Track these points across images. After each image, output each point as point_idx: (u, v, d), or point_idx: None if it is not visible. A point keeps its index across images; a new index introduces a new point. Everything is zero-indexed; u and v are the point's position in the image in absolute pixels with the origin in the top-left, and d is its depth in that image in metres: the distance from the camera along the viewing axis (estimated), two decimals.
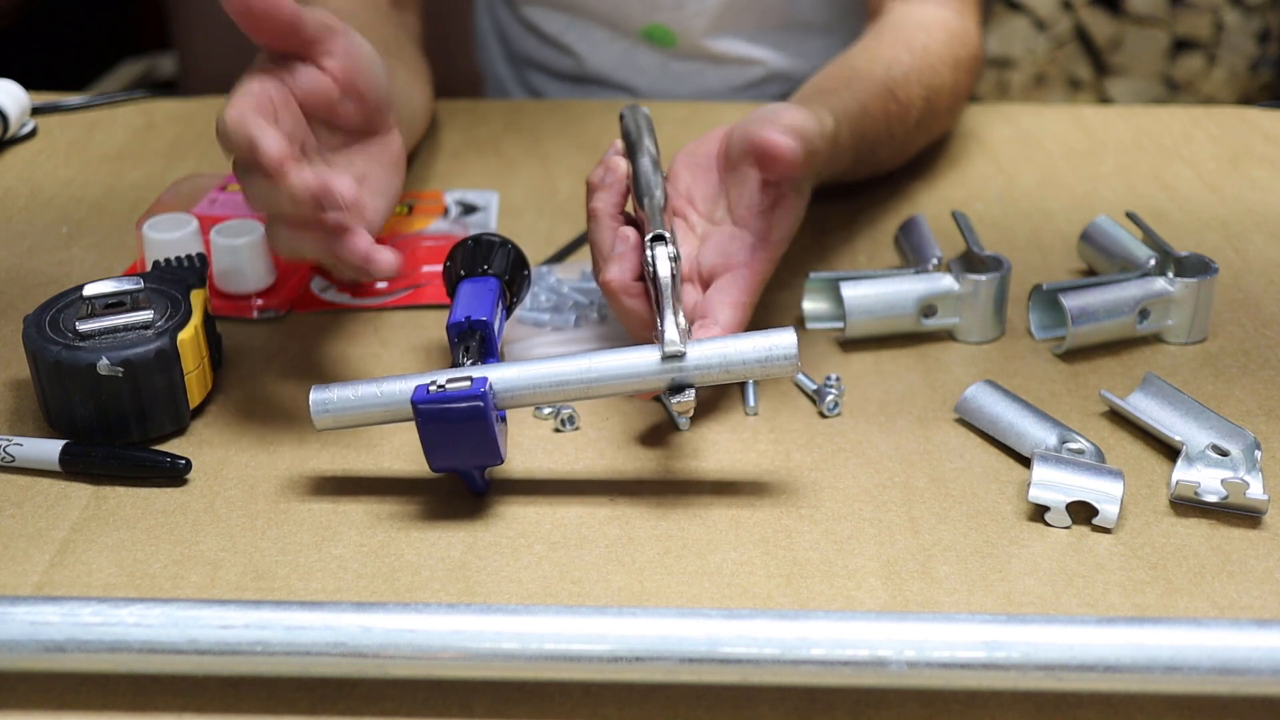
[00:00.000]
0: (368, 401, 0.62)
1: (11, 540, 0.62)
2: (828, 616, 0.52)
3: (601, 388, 0.62)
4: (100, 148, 1.04)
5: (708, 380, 0.63)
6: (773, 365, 0.62)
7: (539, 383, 0.62)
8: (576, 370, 0.62)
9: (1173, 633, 0.51)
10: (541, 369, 0.62)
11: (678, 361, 0.62)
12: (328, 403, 0.62)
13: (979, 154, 1.02)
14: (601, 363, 0.62)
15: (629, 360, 0.63)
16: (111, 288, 0.69)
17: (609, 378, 0.62)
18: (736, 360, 0.62)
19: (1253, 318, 0.80)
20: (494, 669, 0.52)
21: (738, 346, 0.62)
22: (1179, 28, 2.33)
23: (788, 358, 0.62)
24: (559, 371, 0.62)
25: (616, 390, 0.63)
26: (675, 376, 0.62)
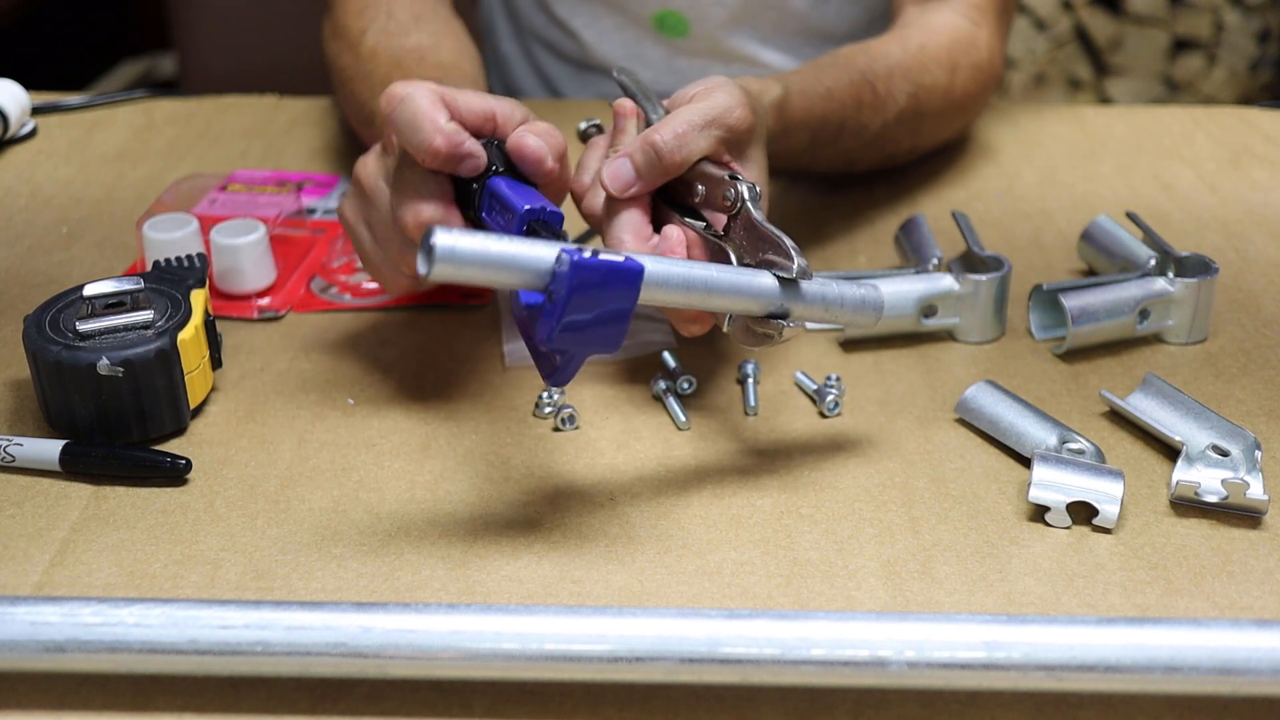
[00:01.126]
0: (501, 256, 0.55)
1: (11, 540, 0.62)
2: (828, 616, 0.52)
3: (719, 298, 0.61)
4: (100, 148, 1.04)
5: (808, 314, 0.63)
6: (864, 311, 0.65)
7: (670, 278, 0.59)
8: (702, 275, 0.61)
9: (1173, 633, 0.51)
10: (674, 265, 0.60)
11: (794, 289, 0.62)
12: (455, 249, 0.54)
13: (979, 154, 1.02)
14: (725, 274, 0.61)
15: (747, 278, 0.62)
16: (111, 288, 0.69)
17: (729, 289, 0.61)
18: (835, 299, 0.64)
19: (1253, 318, 0.80)
20: (494, 669, 0.52)
21: (839, 289, 0.64)
22: (1179, 28, 2.33)
23: (877, 308, 0.65)
24: (686, 272, 0.60)
25: (728, 304, 0.62)
26: (783, 304, 0.62)
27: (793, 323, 0.63)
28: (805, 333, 0.78)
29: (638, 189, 0.68)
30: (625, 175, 0.68)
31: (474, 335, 0.78)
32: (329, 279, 0.83)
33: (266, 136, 1.05)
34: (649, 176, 0.68)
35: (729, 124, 0.69)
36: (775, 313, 0.62)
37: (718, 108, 0.69)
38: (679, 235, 0.67)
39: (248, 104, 1.11)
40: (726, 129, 0.69)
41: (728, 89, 0.70)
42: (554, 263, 0.56)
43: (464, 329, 0.79)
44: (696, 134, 0.68)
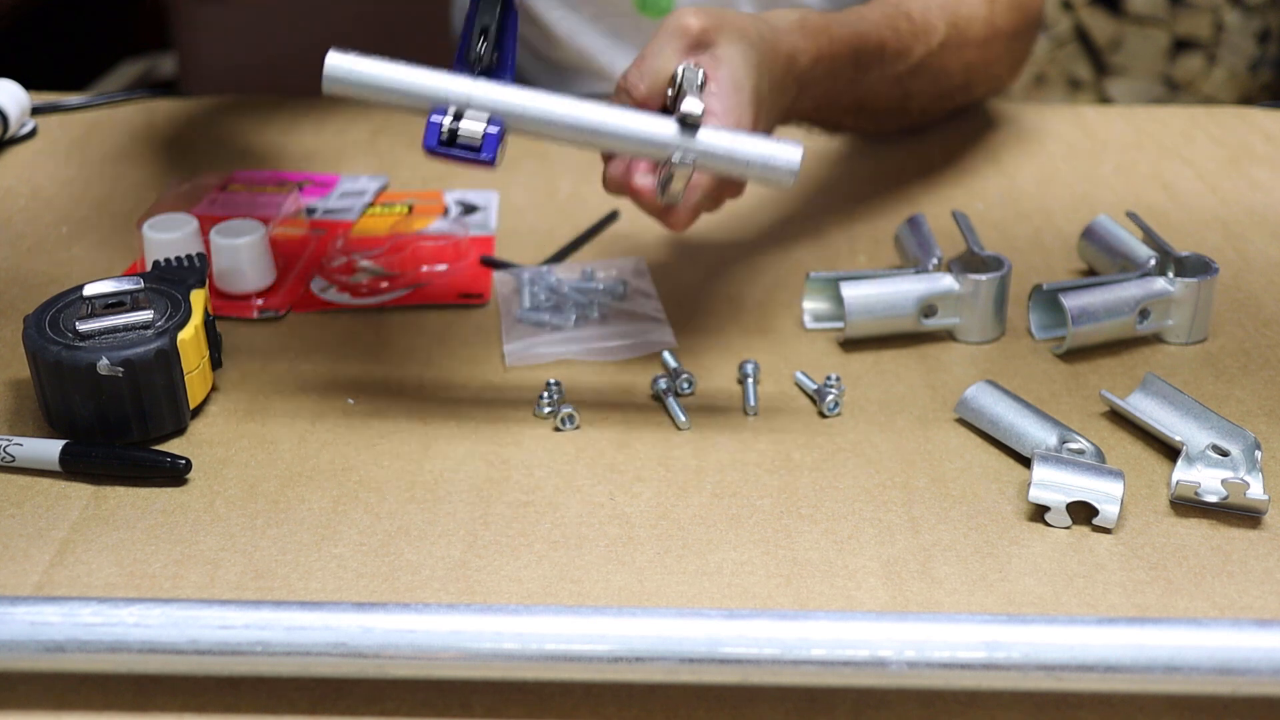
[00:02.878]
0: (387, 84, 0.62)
1: (11, 540, 0.62)
2: (828, 616, 0.52)
3: (610, 139, 0.62)
4: (100, 148, 1.03)
5: (709, 164, 0.63)
6: (772, 169, 0.63)
7: (553, 119, 0.62)
8: (593, 116, 0.62)
9: (1173, 633, 0.51)
10: (561, 105, 0.62)
11: (690, 135, 0.62)
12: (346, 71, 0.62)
13: (979, 154, 1.02)
14: (619, 116, 0.63)
15: (645, 121, 0.63)
16: (111, 288, 0.69)
17: (622, 132, 0.62)
18: (742, 152, 0.63)
19: (1253, 318, 0.80)
20: (494, 669, 0.52)
21: (748, 141, 0.64)
22: (1179, 28, 2.33)
23: (789, 167, 0.63)
24: (576, 113, 0.62)
25: (622, 147, 0.63)
26: (683, 148, 0.63)
27: (686, 162, 0.63)
28: (806, 332, 0.78)
29: None
30: None
31: (474, 335, 0.78)
32: (329, 279, 0.83)
33: (266, 136, 1.05)
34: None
35: (680, 32, 0.72)
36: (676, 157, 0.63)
37: (669, 26, 0.72)
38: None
39: (248, 104, 1.11)
40: (681, 38, 0.72)
41: (682, 9, 0.73)
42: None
43: (464, 329, 0.79)
44: (653, 59, 0.71)
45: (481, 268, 0.85)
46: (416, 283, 0.83)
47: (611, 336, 0.77)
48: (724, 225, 0.91)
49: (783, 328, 0.79)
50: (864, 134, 1.03)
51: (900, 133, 1.02)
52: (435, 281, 0.83)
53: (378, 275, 0.84)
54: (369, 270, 0.84)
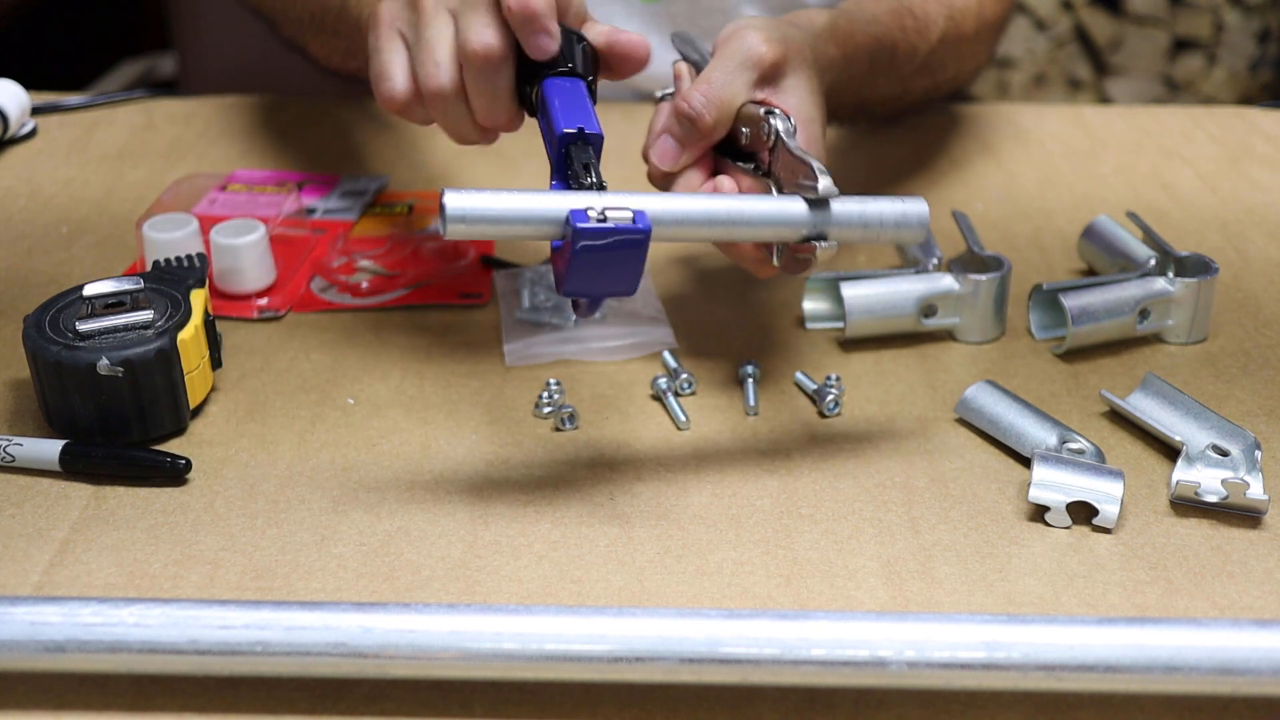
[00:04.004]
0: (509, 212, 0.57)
1: (11, 540, 0.62)
2: (828, 616, 0.52)
3: (746, 230, 0.61)
4: (100, 148, 1.04)
5: (845, 234, 0.62)
6: (905, 228, 0.63)
7: (689, 217, 0.60)
8: (726, 208, 0.61)
9: (1173, 633, 0.51)
10: (693, 203, 0.60)
11: (824, 210, 0.62)
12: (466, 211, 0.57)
13: (979, 154, 1.02)
14: (750, 204, 0.61)
15: (775, 205, 0.62)
16: (111, 288, 0.69)
17: (756, 219, 0.61)
18: (874, 217, 0.62)
19: (1253, 318, 0.80)
20: (494, 669, 0.52)
21: (876, 205, 0.63)
22: (1179, 28, 2.33)
23: (921, 222, 0.63)
24: (709, 208, 0.60)
25: (758, 234, 0.62)
26: (817, 226, 0.62)
27: (830, 244, 0.62)
28: (806, 332, 0.78)
29: (687, 158, 0.69)
30: (671, 150, 0.69)
31: (474, 335, 0.78)
32: (329, 279, 0.83)
33: (266, 136, 1.05)
34: (693, 145, 0.69)
35: (754, 63, 0.69)
36: (812, 235, 0.62)
37: (740, 52, 0.69)
38: (730, 184, 0.69)
39: (248, 104, 1.11)
40: (754, 69, 0.69)
41: (749, 29, 0.70)
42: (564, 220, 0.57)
43: (464, 329, 0.79)
44: (724, 87, 0.68)
45: (481, 268, 0.85)
46: (416, 283, 0.83)
47: (611, 336, 0.77)
48: None
49: (783, 328, 0.79)
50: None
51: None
52: (435, 281, 0.83)
53: (378, 275, 0.84)
54: (369, 270, 0.84)
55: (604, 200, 0.58)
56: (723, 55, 0.69)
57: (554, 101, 0.67)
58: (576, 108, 0.66)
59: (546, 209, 0.58)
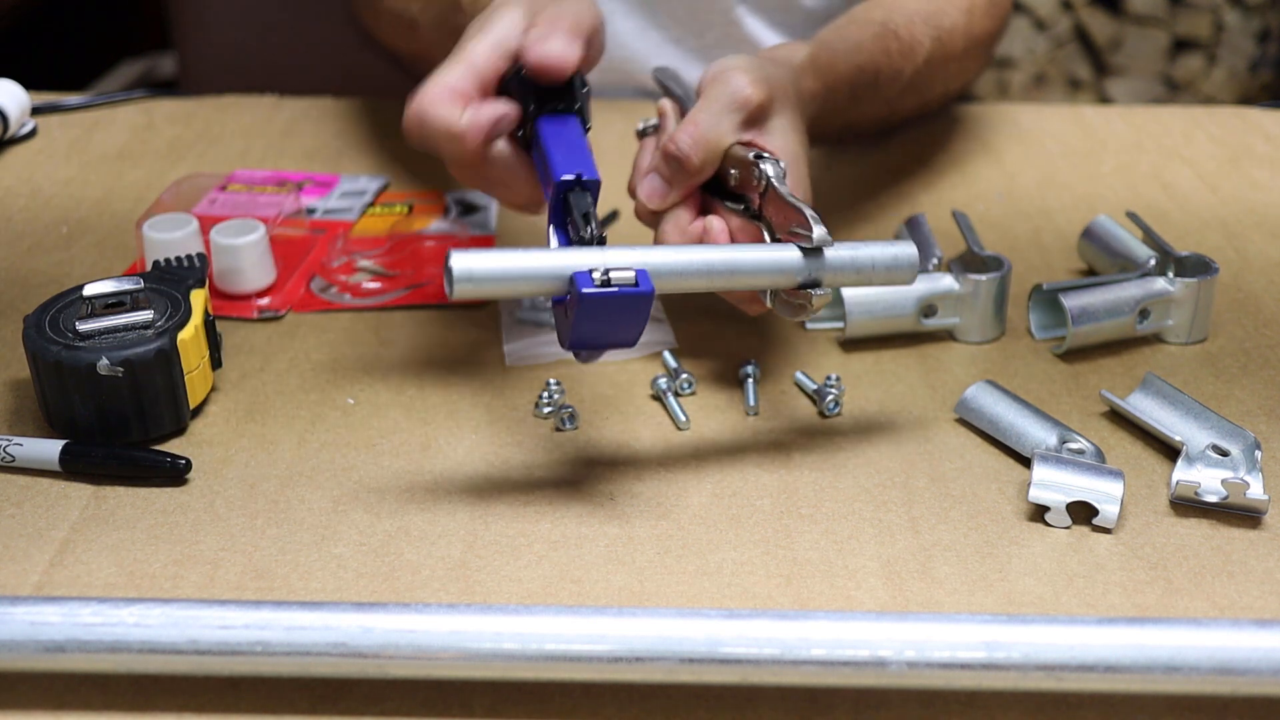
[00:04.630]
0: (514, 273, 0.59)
1: (11, 540, 0.62)
2: (828, 616, 0.52)
3: (743, 279, 0.63)
4: (100, 148, 1.03)
5: (838, 280, 0.64)
6: (897, 271, 0.65)
7: (689, 269, 0.62)
8: (724, 259, 0.62)
9: (1173, 633, 0.51)
10: (692, 255, 0.62)
11: (818, 258, 0.63)
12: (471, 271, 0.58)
13: (979, 154, 1.02)
14: (747, 254, 0.63)
15: (771, 254, 0.63)
16: (111, 288, 0.69)
17: (752, 268, 0.63)
18: (866, 262, 0.64)
19: (1253, 318, 0.80)
20: (494, 669, 0.52)
21: (868, 250, 0.64)
22: (1179, 28, 2.33)
23: (911, 265, 0.65)
24: (708, 259, 0.62)
25: (755, 283, 0.63)
26: (811, 273, 0.63)
27: (825, 290, 0.64)
28: (806, 332, 0.78)
29: (674, 197, 0.70)
30: (658, 190, 0.70)
31: (474, 335, 0.78)
32: (329, 279, 0.83)
33: (266, 136, 1.05)
34: (679, 185, 0.70)
35: (740, 105, 0.69)
36: (806, 283, 0.64)
37: (726, 94, 0.69)
38: (720, 225, 0.69)
39: (248, 104, 1.11)
40: (740, 111, 0.69)
41: (737, 70, 0.70)
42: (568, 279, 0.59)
43: (464, 329, 0.79)
44: (712, 130, 0.69)
45: None
46: (416, 283, 0.83)
47: None
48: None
49: (783, 328, 0.79)
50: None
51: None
52: (435, 281, 0.83)
53: (378, 275, 0.84)
54: (369, 270, 0.84)
55: (606, 258, 0.60)
56: (709, 97, 0.70)
57: (549, 144, 0.68)
58: (574, 151, 0.67)
59: (551, 269, 0.59)
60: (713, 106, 0.69)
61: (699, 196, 0.72)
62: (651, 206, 0.71)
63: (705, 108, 0.69)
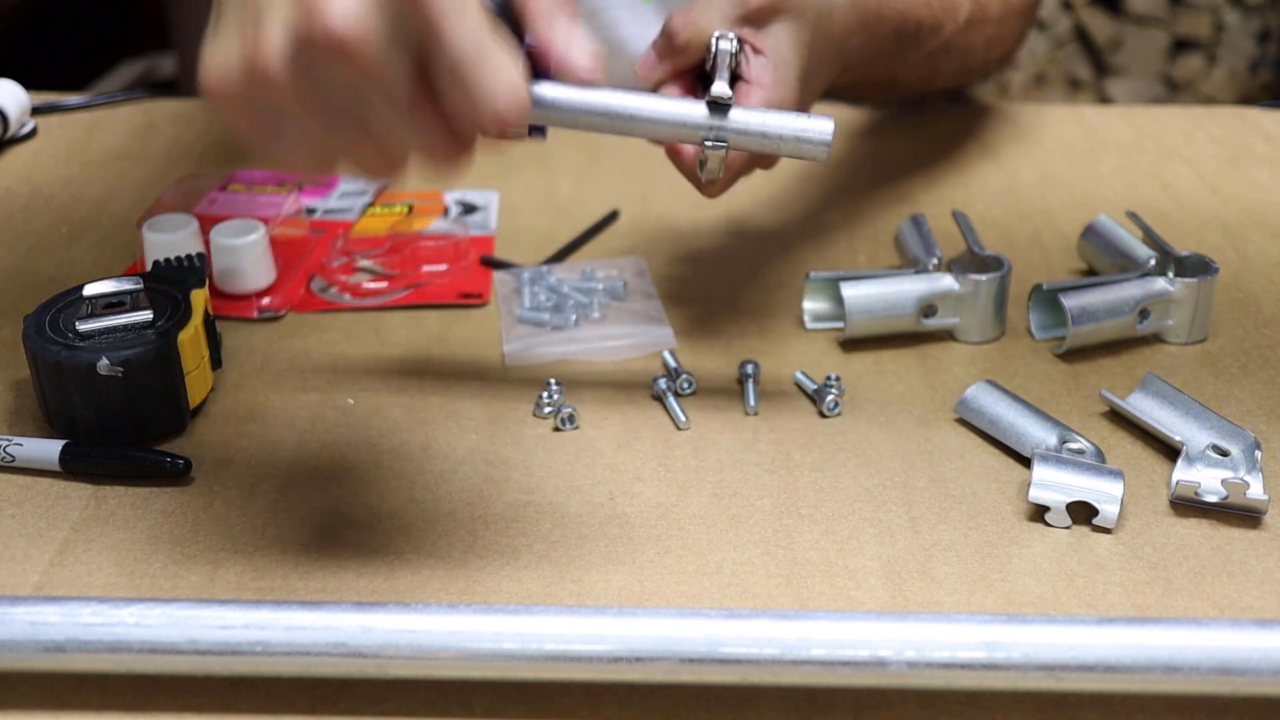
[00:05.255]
0: None
1: (11, 540, 0.62)
2: (828, 616, 0.52)
3: (644, 125, 0.63)
4: (100, 148, 1.04)
5: (742, 143, 0.64)
6: (805, 143, 0.64)
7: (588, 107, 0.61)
8: (624, 102, 0.62)
9: (1173, 633, 0.51)
10: (592, 94, 0.62)
11: (721, 116, 0.63)
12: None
13: (979, 154, 1.02)
14: (650, 102, 0.63)
15: (676, 106, 0.63)
16: (111, 288, 0.69)
17: (654, 117, 0.63)
18: (775, 129, 0.64)
19: (1253, 318, 0.80)
20: (494, 669, 0.52)
21: (778, 118, 0.64)
22: (1179, 28, 2.33)
23: (822, 140, 0.64)
24: (609, 100, 0.62)
25: (656, 132, 0.63)
26: (715, 129, 0.63)
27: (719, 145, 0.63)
28: (806, 332, 0.78)
29: (661, 72, 0.71)
30: (649, 60, 0.71)
31: (474, 335, 0.78)
32: (329, 279, 0.83)
33: None
34: (668, 58, 0.71)
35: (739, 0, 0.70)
36: (710, 139, 0.63)
37: None
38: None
39: None
40: (739, 6, 0.70)
41: None
42: None
43: (464, 329, 0.79)
44: (701, 14, 0.70)
45: (481, 268, 0.85)
46: (416, 283, 0.83)
47: (611, 336, 0.77)
48: (724, 225, 0.91)
49: (783, 328, 0.79)
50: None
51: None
52: (435, 281, 0.83)
53: (378, 275, 0.84)
54: (369, 270, 0.84)
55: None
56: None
57: None
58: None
59: None
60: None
61: (690, 81, 0.72)
62: (641, 75, 0.72)
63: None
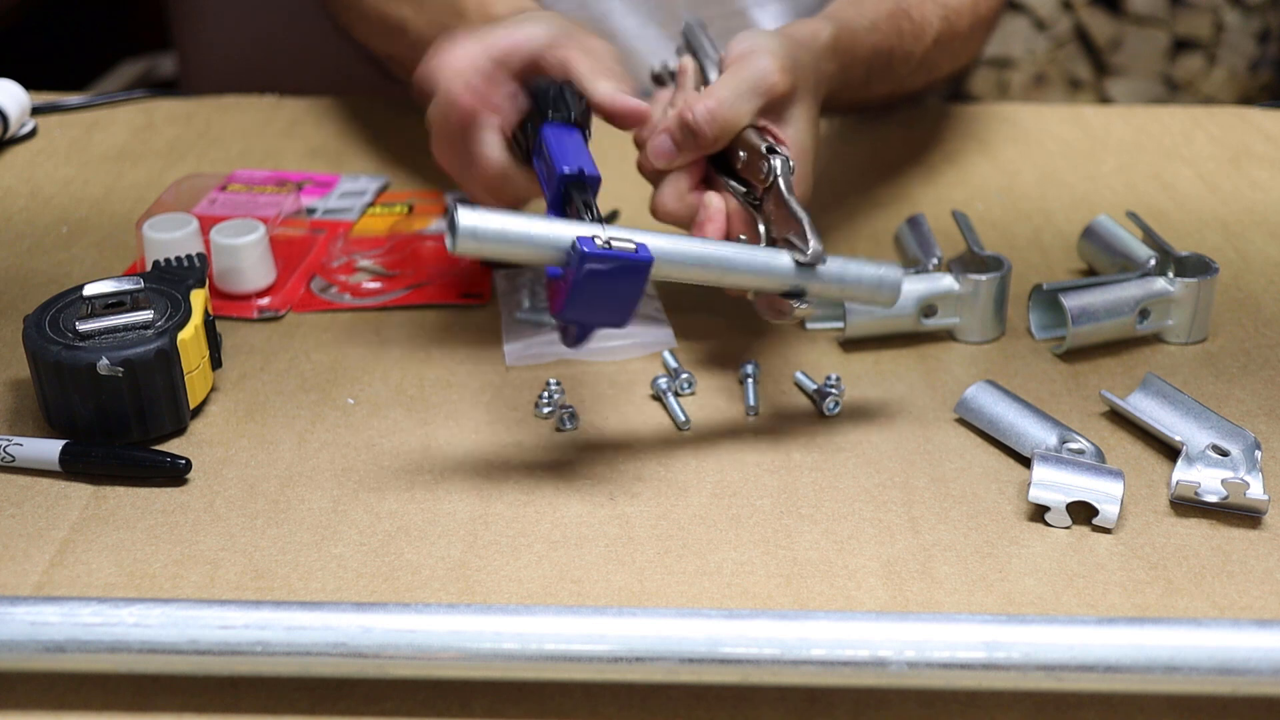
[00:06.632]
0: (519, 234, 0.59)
1: (11, 540, 0.62)
2: (828, 616, 0.52)
3: (736, 277, 0.64)
4: (100, 148, 1.04)
5: (823, 293, 0.65)
6: (880, 292, 0.66)
7: (687, 258, 0.63)
8: (720, 254, 0.64)
9: (1173, 633, 0.51)
10: (692, 246, 0.63)
11: (809, 271, 0.64)
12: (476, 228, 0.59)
13: (979, 154, 1.02)
14: (743, 254, 0.64)
15: (766, 258, 0.64)
16: (111, 288, 0.69)
17: (745, 268, 0.64)
18: (853, 280, 0.65)
19: (1253, 318, 0.80)
20: (494, 669, 0.52)
21: (856, 268, 0.66)
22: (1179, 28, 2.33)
23: (894, 288, 0.66)
24: (706, 252, 0.63)
25: (745, 282, 0.65)
26: (797, 282, 0.65)
27: (807, 302, 0.65)
28: (806, 332, 0.78)
29: (680, 161, 0.71)
30: (666, 150, 0.71)
31: (474, 335, 0.78)
32: (329, 279, 0.83)
33: (266, 136, 1.05)
34: (688, 151, 0.71)
35: (764, 91, 0.70)
36: (790, 292, 0.65)
37: (753, 77, 0.70)
38: (718, 204, 0.70)
39: (248, 104, 1.11)
40: (763, 98, 0.70)
41: (767, 53, 0.71)
42: (569, 246, 0.60)
43: (464, 329, 0.79)
44: (731, 109, 0.70)
45: (481, 268, 0.85)
46: (416, 283, 0.83)
47: (611, 336, 0.77)
48: None
49: (783, 328, 0.79)
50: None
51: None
52: (435, 281, 0.83)
53: (378, 275, 0.84)
54: (369, 270, 0.84)
55: (609, 232, 0.61)
56: (735, 74, 0.71)
57: (552, 145, 0.69)
58: (575, 151, 0.69)
59: (555, 233, 0.60)
60: (736, 85, 0.70)
61: (703, 165, 0.73)
62: (657, 165, 0.72)
63: (728, 84, 0.70)
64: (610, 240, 0.60)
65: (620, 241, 0.60)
